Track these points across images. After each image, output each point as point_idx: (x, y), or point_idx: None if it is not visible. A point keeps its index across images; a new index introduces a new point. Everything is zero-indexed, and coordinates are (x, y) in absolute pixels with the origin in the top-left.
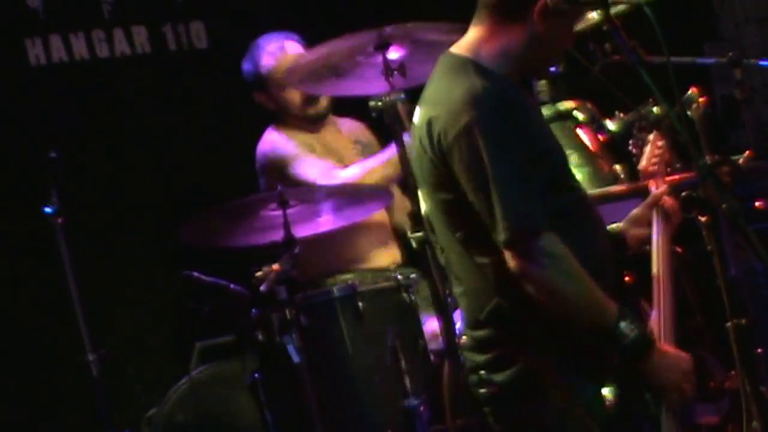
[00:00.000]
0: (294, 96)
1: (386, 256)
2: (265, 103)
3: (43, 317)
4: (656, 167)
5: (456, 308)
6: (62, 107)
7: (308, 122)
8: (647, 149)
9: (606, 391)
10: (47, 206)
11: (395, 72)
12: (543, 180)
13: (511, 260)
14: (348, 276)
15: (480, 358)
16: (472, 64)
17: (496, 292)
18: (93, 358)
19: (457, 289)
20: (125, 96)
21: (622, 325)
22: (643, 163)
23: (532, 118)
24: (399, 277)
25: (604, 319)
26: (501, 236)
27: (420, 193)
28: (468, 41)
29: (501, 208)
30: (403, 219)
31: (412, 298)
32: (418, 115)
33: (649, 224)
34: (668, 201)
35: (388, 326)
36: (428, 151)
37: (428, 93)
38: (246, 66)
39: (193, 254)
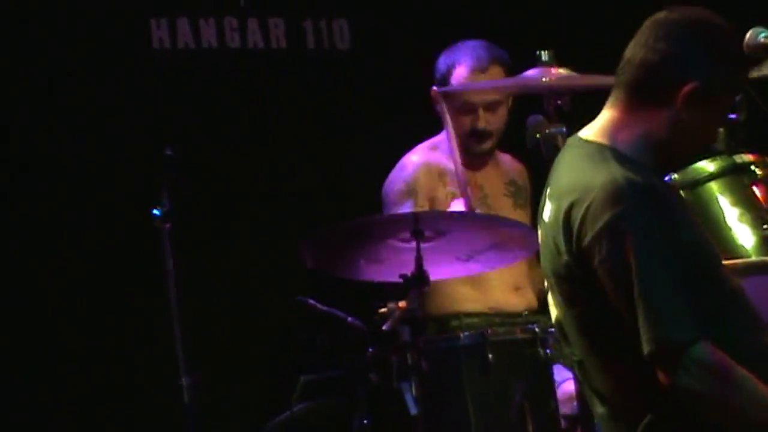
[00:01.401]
0: (465, 121)
1: (519, 301)
2: (436, 102)
3: (137, 331)
4: None
5: None
6: (183, 99)
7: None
8: None
9: None
10: (156, 208)
11: (559, 102)
12: (693, 278)
13: (660, 375)
14: (475, 320)
15: None
16: (610, 152)
17: (646, 407)
18: (186, 383)
19: (599, 410)
20: (253, 93)
21: None
22: None
23: (679, 210)
24: (537, 329)
25: None
26: (645, 348)
27: (550, 298)
28: (602, 126)
29: (646, 316)
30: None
31: (548, 353)
32: (549, 211)
33: None
34: None
35: (517, 382)
36: (564, 251)
37: (561, 184)
38: (444, 59)
39: (311, 278)
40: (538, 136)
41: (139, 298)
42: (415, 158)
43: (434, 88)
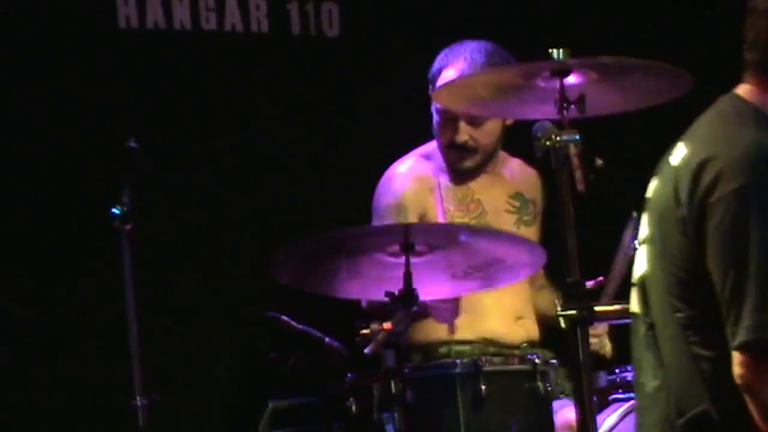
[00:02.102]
0: (446, 132)
1: (519, 332)
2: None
3: (89, 345)
4: None
5: (604, 409)
6: (150, 85)
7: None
8: None
9: None
10: (115, 207)
11: (572, 105)
12: None
13: (740, 367)
14: (466, 348)
15: None
16: (762, 116)
17: (708, 395)
18: (142, 403)
19: (652, 382)
20: (230, 82)
21: None
22: None
23: None
24: (537, 360)
25: None
26: (739, 336)
27: (641, 249)
28: (753, 89)
29: (752, 301)
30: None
31: (548, 387)
32: (681, 156)
33: None
34: None
35: (512, 418)
36: (684, 202)
37: (702, 132)
38: (439, 57)
39: (286, 291)
40: (547, 143)
41: (93, 309)
42: (403, 169)
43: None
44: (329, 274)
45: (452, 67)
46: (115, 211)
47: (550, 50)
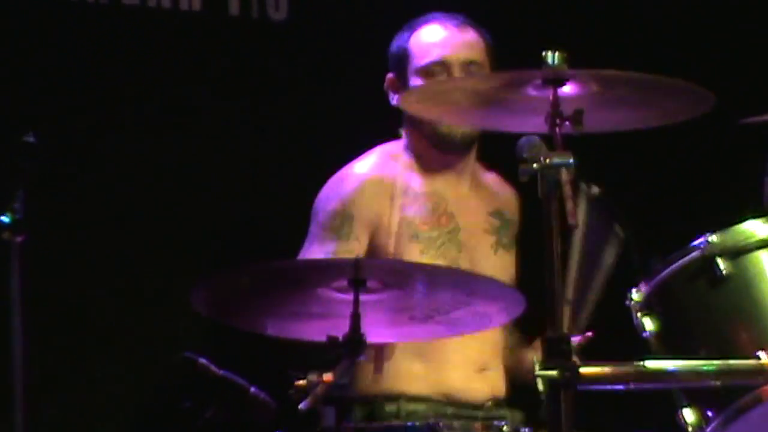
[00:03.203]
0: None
1: (483, 387)
2: (390, 90)
3: None
4: None
5: None
6: (54, 68)
7: (440, 150)
8: None
9: None
10: (4, 215)
11: (567, 120)
12: None
13: None
14: (420, 406)
15: None
16: None
17: None
18: None
19: None
20: (152, 67)
21: None
22: None
23: None
24: (505, 427)
25: None
26: None
27: None
28: None
29: None
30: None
31: None
32: None
33: None
34: None
35: None
36: None
37: None
38: (400, 33)
39: (208, 327)
40: (535, 166)
41: None
42: (361, 169)
43: (390, 75)
44: (261, 308)
45: (426, 24)
46: (4, 219)
47: (544, 53)
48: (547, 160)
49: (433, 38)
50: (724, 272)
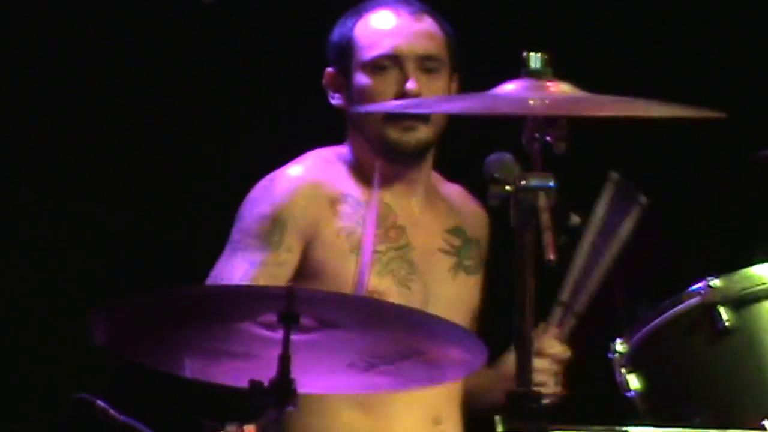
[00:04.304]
0: (385, 86)
1: None
2: (330, 88)
3: None
4: None
5: None
6: None
7: (388, 159)
8: None
9: None
10: None
11: (548, 136)
12: None
13: None
14: None
15: None
16: None
17: None
18: None
19: None
20: (53, 48)
21: None
22: None
23: None
24: None
25: None
26: None
27: None
28: None
29: None
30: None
31: None
32: None
33: None
34: None
35: None
36: None
37: None
38: (341, 21)
39: (110, 365)
40: (507, 189)
41: None
42: (297, 172)
43: (330, 69)
44: (171, 343)
45: (373, 11)
46: None
47: (525, 53)
48: (523, 182)
49: (384, 26)
50: (726, 324)
